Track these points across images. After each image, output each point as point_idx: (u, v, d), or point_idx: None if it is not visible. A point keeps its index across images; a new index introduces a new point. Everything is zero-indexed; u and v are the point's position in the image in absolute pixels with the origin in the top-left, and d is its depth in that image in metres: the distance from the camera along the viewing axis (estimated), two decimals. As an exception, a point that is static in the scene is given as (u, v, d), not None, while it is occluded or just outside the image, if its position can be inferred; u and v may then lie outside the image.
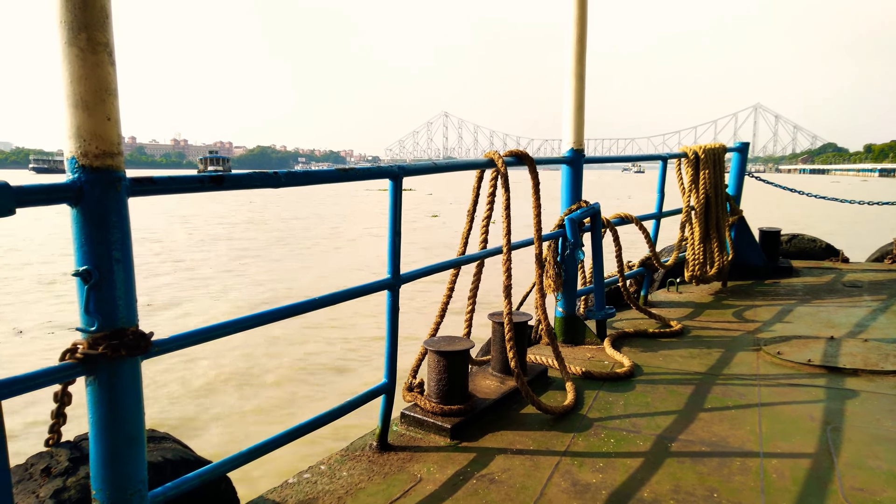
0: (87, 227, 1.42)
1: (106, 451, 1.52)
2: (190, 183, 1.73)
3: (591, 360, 3.81)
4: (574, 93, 4.03)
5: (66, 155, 1.42)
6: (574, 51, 3.97)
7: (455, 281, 3.27)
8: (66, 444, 1.83)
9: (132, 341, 1.48)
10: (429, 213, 31.44)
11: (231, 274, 14.51)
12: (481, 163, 3.18)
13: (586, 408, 3.09)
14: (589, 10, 3.96)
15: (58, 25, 1.37)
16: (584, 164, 4.16)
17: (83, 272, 1.43)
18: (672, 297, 5.55)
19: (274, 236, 22.39)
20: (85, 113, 1.38)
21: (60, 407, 1.67)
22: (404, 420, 2.85)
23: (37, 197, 1.37)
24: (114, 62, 1.43)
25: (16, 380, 1.38)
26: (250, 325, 1.95)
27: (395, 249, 2.55)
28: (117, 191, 1.44)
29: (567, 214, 3.98)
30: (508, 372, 3.24)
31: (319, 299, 2.23)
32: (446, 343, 2.87)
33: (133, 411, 1.53)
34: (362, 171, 2.52)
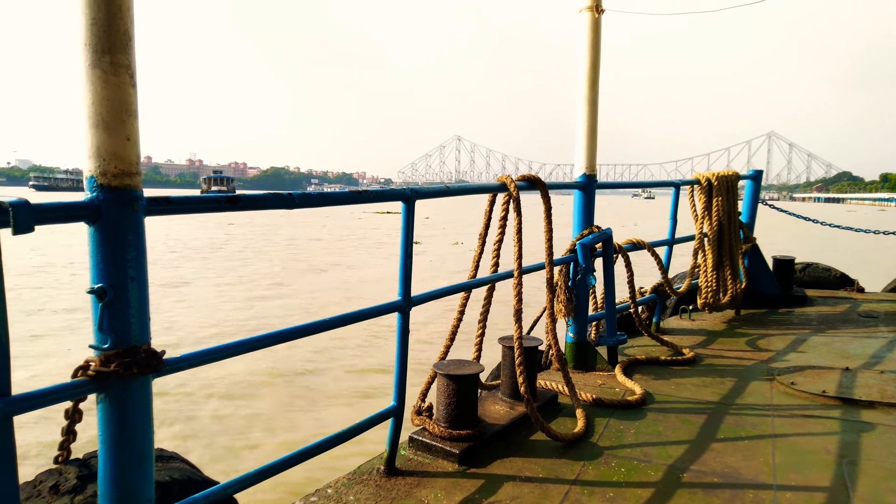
0: (103, 246, 1.44)
1: (114, 469, 1.52)
2: (206, 203, 1.75)
3: (601, 387, 3.77)
4: (587, 118, 4.05)
5: (85, 174, 1.44)
6: (587, 77, 4.00)
7: (465, 304, 3.27)
8: (74, 462, 1.83)
9: (144, 359, 1.49)
10: (415, 239, 30.08)
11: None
12: (493, 187, 3.19)
13: (597, 436, 3.04)
14: (602, 37, 4.00)
15: (82, 48, 1.40)
16: (596, 189, 4.17)
17: (98, 290, 1.44)
18: (684, 325, 5.50)
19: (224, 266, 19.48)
20: (105, 133, 1.41)
21: (71, 424, 1.68)
22: (412, 444, 2.83)
23: (56, 215, 1.39)
24: (135, 84, 1.46)
25: (28, 396, 1.38)
26: (260, 346, 1.96)
27: (407, 272, 2.56)
28: (134, 210, 1.46)
29: (579, 239, 3.98)
30: (518, 397, 3.21)
31: (330, 320, 2.23)
32: (456, 367, 2.86)
33: (142, 430, 1.54)
34: (375, 193, 2.54)
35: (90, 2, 1.38)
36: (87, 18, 1.38)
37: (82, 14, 1.39)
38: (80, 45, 1.40)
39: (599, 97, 4.07)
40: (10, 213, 1.29)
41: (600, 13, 3.95)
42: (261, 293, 14.53)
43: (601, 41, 4.00)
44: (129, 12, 1.43)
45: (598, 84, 4.04)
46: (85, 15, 1.39)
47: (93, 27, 1.39)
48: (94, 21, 1.39)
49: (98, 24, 1.39)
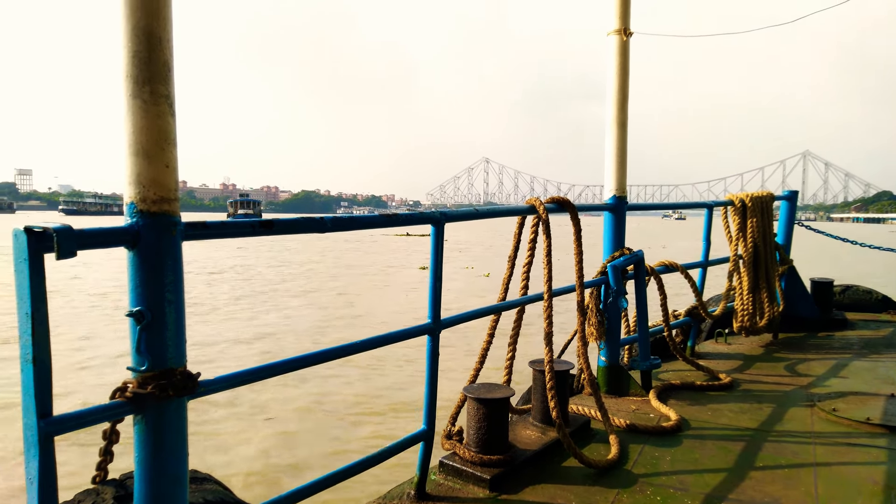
0: (142, 270, 1.48)
1: (150, 490, 1.53)
2: (241, 228, 1.79)
3: (635, 413, 3.70)
4: (616, 140, 4.04)
5: (125, 200, 1.49)
6: (616, 99, 4.00)
7: (495, 327, 3.25)
8: (111, 482, 1.86)
9: (180, 381, 1.51)
10: (419, 264, 28.70)
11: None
12: (522, 209, 3.19)
13: (631, 462, 2.98)
14: (631, 58, 4.01)
15: (124, 79, 1.45)
16: (627, 211, 4.13)
17: (136, 313, 1.48)
18: (720, 349, 5.38)
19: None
20: (145, 161, 1.46)
21: (108, 445, 1.71)
22: (443, 469, 2.80)
23: (97, 240, 1.44)
24: (174, 113, 1.51)
25: (68, 417, 1.42)
26: (292, 368, 1.98)
27: (437, 295, 2.56)
28: (172, 235, 1.50)
29: (610, 261, 3.94)
30: (549, 422, 3.17)
31: (360, 343, 2.24)
32: (486, 390, 2.84)
33: (177, 451, 1.56)
34: (405, 216, 2.56)
35: (131, 35, 1.44)
36: (128, 51, 1.44)
37: (124, 47, 1.44)
38: (122, 76, 1.46)
39: (629, 118, 4.06)
40: (55, 239, 1.33)
41: (628, 36, 3.96)
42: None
43: (629, 64, 4.00)
44: (169, 44, 1.49)
45: (628, 106, 4.03)
46: (126, 48, 1.44)
47: (134, 59, 1.44)
48: (136, 53, 1.44)
49: (139, 56, 1.44)
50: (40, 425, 1.36)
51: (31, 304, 1.33)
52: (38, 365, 1.35)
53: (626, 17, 3.95)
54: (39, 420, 1.36)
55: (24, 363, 1.36)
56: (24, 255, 1.32)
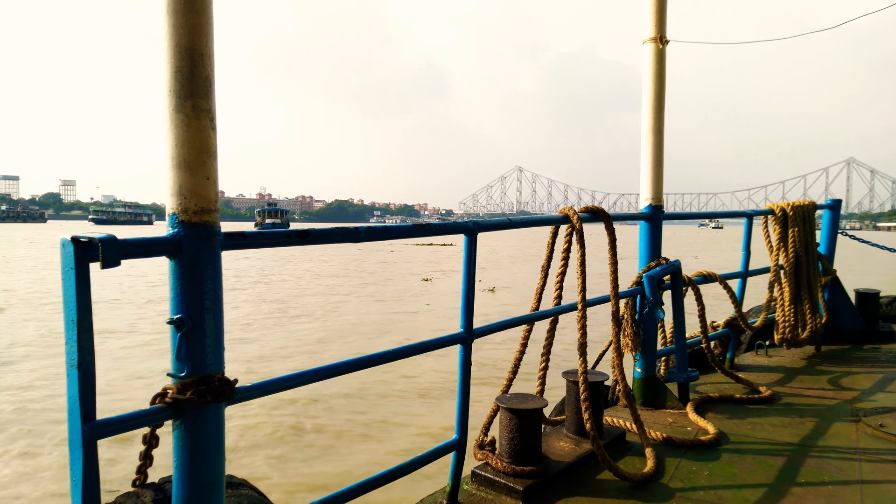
0: (182, 279, 1.52)
1: (187, 494, 1.57)
2: (278, 238, 1.83)
3: (672, 426, 3.62)
4: (652, 148, 3.99)
5: (167, 211, 1.54)
6: (652, 107, 3.96)
7: (528, 337, 3.23)
8: (151, 486, 1.90)
9: (218, 387, 1.55)
10: (424, 275, 27.55)
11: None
12: (556, 219, 3.18)
13: (668, 477, 2.92)
14: (667, 65, 3.96)
15: (167, 94, 1.50)
16: (663, 220, 4.07)
17: (177, 320, 1.51)
18: (760, 361, 5.24)
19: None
20: (187, 173, 1.50)
21: (148, 449, 1.75)
22: (475, 479, 2.79)
23: (140, 249, 1.48)
24: (214, 126, 1.55)
25: (110, 421, 1.46)
26: (327, 376, 2.00)
27: (469, 304, 2.56)
28: (212, 245, 1.54)
29: (645, 271, 3.88)
30: (583, 434, 3.13)
31: (392, 352, 2.25)
32: (519, 401, 2.82)
33: (214, 456, 1.59)
34: (438, 226, 2.58)
35: (174, 52, 1.48)
36: (171, 66, 1.49)
37: (167, 63, 1.49)
38: (165, 91, 1.51)
39: (665, 126, 4.01)
40: (99, 249, 1.38)
41: (664, 44, 3.92)
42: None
43: (666, 71, 3.96)
44: (210, 60, 1.53)
45: (664, 114, 3.98)
46: (170, 63, 1.49)
47: (177, 74, 1.49)
48: (178, 69, 1.49)
49: (181, 72, 1.49)
50: (84, 429, 1.40)
51: (76, 311, 1.38)
52: (82, 370, 1.39)
53: (661, 26, 3.91)
54: (83, 424, 1.40)
55: (70, 368, 1.40)
56: (70, 264, 1.37)
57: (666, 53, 3.95)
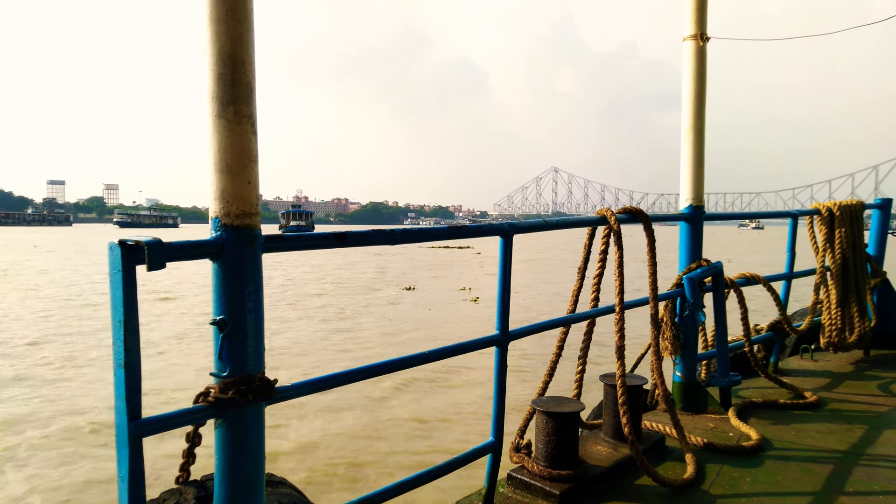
0: (225, 280, 1.55)
1: (228, 491, 1.60)
2: (316, 240, 1.85)
3: (713, 431, 3.54)
4: (692, 147, 3.91)
5: (210, 214, 1.57)
6: (692, 105, 3.88)
7: (564, 339, 3.20)
8: (193, 483, 1.94)
9: (258, 387, 1.57)
10: (406, 284, 24.78)
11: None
12: (593, 220, 3.14)
13: (708, 483, 2.85)
14: (708, 63, 3.88)
15: (209, 100, 1.54)
16: (704, 221, 3.99)
17: (219, 321, 1.55)
18: (806, 366, 5.08)
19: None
20: (229, 177, 1.53)
21: (191, 447, 1.79)
22: (511, 482, 2.78)
23: (184, 252, 1.52)
24: (255, 132, 1.58)
25: (155, 419, 1.50)
26: (362, 377, 2.02)
27: (505, 306, 2.55)
28: (253, 247, 1.57)
29: (686, 273, 3.80)
30: (621, 438, 3.08)
31: (428, 353, 2.26)
32: (555, 404, 2.79)
33: (255, 455, 1.61)
34: (473, 228, 2.57)
35: (217, 59, 1.52)
36: (214, 73, 1.52)
37: (210, 69, 1.53)
38: (208, 97, 1.54)
39: (706, 124, 3.93)
40: (146, 252, 1.42)
41: (705, 41, 3.84)
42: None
43: (706, 69, 3.88)
44: (251, 67, 1.56)
45: (705, 113, 3.90)
46: (212, 70, 1.52)
47: (219, 81, 1.52)
48: (221, 76, 1.52)
49: (224, 79, 1.52)
50: (130, 427, 1.44)
51: (123, 312, 1.42)
52: (128, 370, 1.43)
53: (702, 23, 3.83)
54: (129, 422, 1.44)
55: (117, 368, 1.44)
56: (117, 267, 1.41)
57: (706, 51, 3.87)
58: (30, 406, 8.39)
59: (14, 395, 8.86)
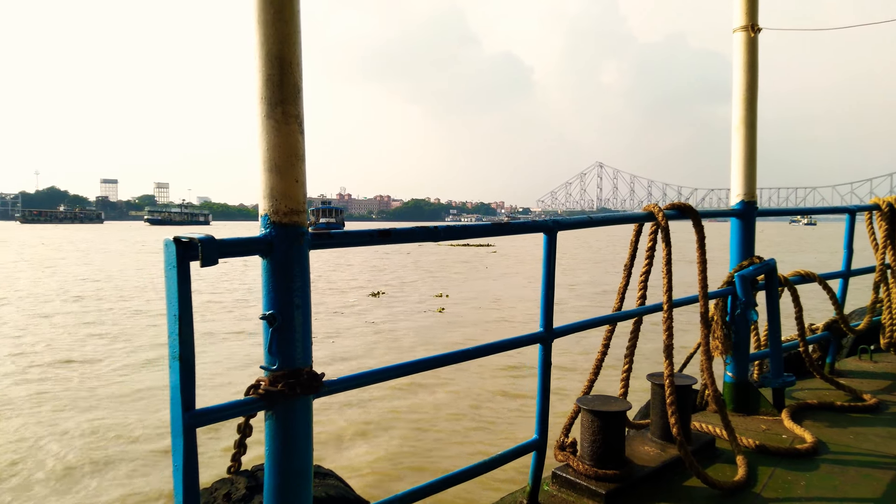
0: (274, 276, 1.59)
1: (277, 482, 1.64)
2: (361, 237, 1.88)
3: (766, 433, 3.44)
4: (744, 141, 3.80)
5: (260, 212, 1.61)
6: (743, 98, 3.77)
7: (610, 338, 3.16)
8: (244, 473, 2.00)
9: (306, 381, 1.61)
10: (378, 288, 21.98)
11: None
12: (640, 216, 3.09)
13: (760, 486, 2.77)
14: (760, 54, 3.76)
15: (258, 101, 1.57)
16: (757, 217, 3.87)
17: (269, 316, 1.59)
18: (864, 367, 4.87)
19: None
20: (277, 176, 1.57)
21: (242, 438, 1.84)
22: (556, 480, 2.76)
23: (235, 249, 1.56)
24: (302, 131, 1.61)
25: (208, 410, 1.55)
26: (406, 373, 2.04)
27: (549, 303, 2.53)
28: (301, 244, 1.60)
29: (737, 271, 3.70)
30: (669, 439, 3.02)
31: (472, 350, 2.27)
32: (601, 403, 2.76)
33: (303, 446, 1.65)
34: (516, 225, 2.56)
35: (265, 60, 1.55)
36: (262, 75, 1.56)
37: (258, 71, 1.56)
38: (257, 98, 1.58)
39: (758, 117, 3.81)
40: (199, 248, 1.47)
41: (756, 32, 3.72)
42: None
43: (758, 60, 3.76)
44: (299, 68, 1.59)
45: (756, 105, 3.78)
46: (261, 72, 1.56)
47: (268, 82, 1.56)
48: (269, 77, 1.56)
49: (272, 80, 1.56)
50: (185, 418, 1.49)
51: (178, 306, 1.47)
52: (183, 362, 1.48)
53: (753, 13, 3.71)
54: (184, 412, 1.49)
55: (172, 360, 1.50)
56: (172, 263, 1.46)
57: (758, 42, 3.75)
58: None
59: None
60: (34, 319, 15.31)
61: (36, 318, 15.56)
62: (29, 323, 14.82)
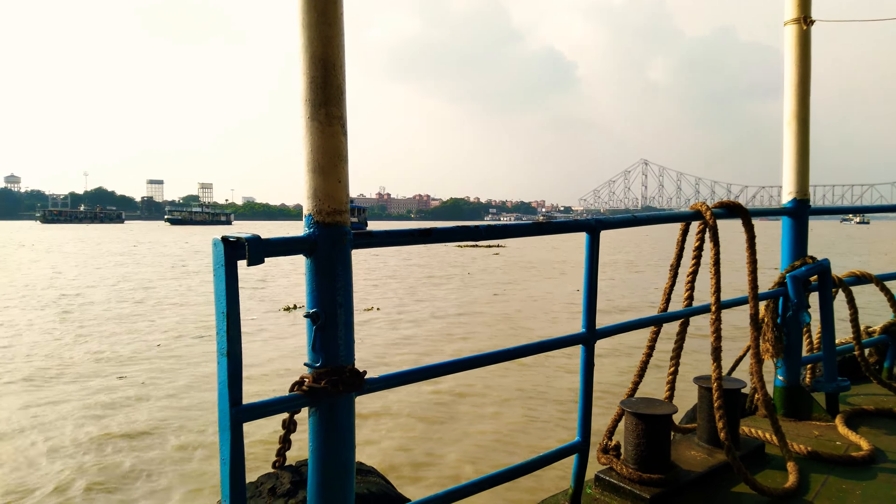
0: (317, 275, 1.61)
1: (321, 477, 1.67)
2: (402, 236, 1.89)
3: (818, 439, 3.32)
4: (796, 137, 3.67)
5: (304, 212, 1.64)
6: (796, 92, 3.64)
7: (655, 339, 3.09)
8: (289, 468, 2.04)
9: (349, 378, 1.63)
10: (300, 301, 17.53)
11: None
12: (686, 215, 3.02)
13: (812, 493, 2.67)
14: (813, 46, 3.63)
15: (302, 103, 1.60)
16: (809, 216, 3.74)
17: (313, 314, 1.61)
18: (927, 373, 4.64)
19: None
20: (321, 177, 1.59)
21: (287, 433, 1.88)
22: (598, 483, 2.72)
23: (280, 248, 1.59)
24: (345, 132, 1.63)
25: (255, 405, 1.58)
26: (448, 371, 2.04)
27: (591, 303, 2.50)
28: (343, 244, 1.62)
29: (789, 271, 3.58)
30: (717, 443, 2.95)
31: (514, 349, 2.25)
32: (645, 405, 2.71)
33: (346, 443, 1.67)
34: (558, 224, 2.54)
35: (310, 63, 1.58)
36: (307, 77, 1.58)
37: (303, 73, 1.59)
38: (301, 100, 1.60)
39: (811, 112, 3.67)
40: (246, 248, 1.50)
41: (809, 24, 3.59)
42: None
43: (811, 53, 3.62)
44: (342, 70, 1.61)
45: (809, 100, 3.65)
46: (305, 74, 1.59)
47: (312, 84, 1.58)
48: (313, 79, 1.58)
49: (316, 82, 1.58)
50: (232, 412, 1.52)
51: (226, 304, 1.50)
52: (231, 358, 1.52)
53: (806, 5, 3.58)
54: (231, 407, 1.52)
55: (220, 356, 1.53)
56: (220, 262, 1.50)
57: (811, 35, 3.61)
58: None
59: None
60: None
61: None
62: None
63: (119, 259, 37.40)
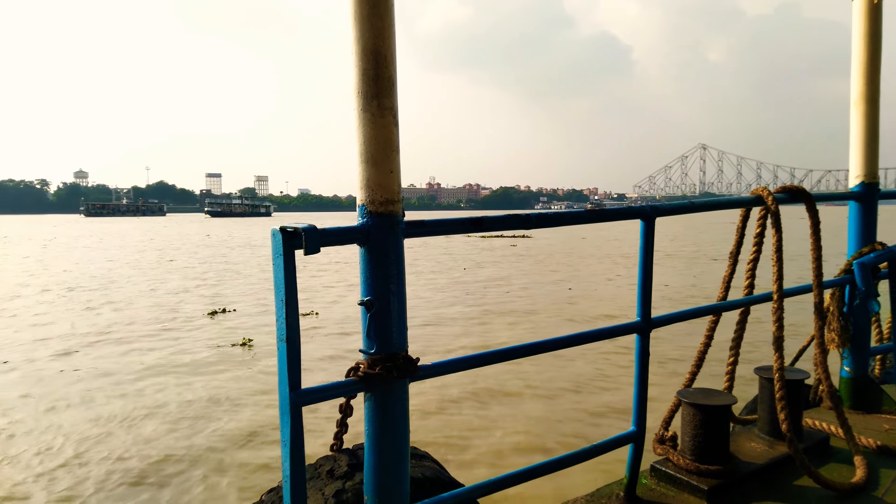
0: (371, 264, 1.65)
1: (377, 460, 1.71)
2: (453, 225, 1.91)
3: (889, 433, 3.17)
4: (864, 118, 3.49)
5: (357, 202, 1.68)
6: (864, 71, 3.46)
7: (714, 328, 3.02)
8: (346, 451, 2.10)
9: (403, 365, 1.67)
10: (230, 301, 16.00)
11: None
12: (747, 200, 2.92)
13: (882, 489, 2.56)
14: (884, 21, 3.44)
15: (355, 95, 1.64)
16: (879, 201, 3.56)
17: (367, 302, 1.66)
18: None
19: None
20: (374, 167, 1.63)
21: (343, 418, 1.94)
22: (654, 474, 2.68)
23: (336, 238, 1.64)
24: (397, 123, 1.66)
25: (313, 390, 1.64)
26: (502, 359, 2.06)
27: (647, 292, 2.46)
28: (396, 233, 1.66)
29: (856, 258, 3.42)
30: (778, 435, 2.86)
31: (568, 338, 2.25)
32: (703, 396, 2.65)
33: (400, 428, 1.71)
34: (612, 211, 2.50)
35: (361, 55, 1.61)
36: (359, 70, 1.62)
37: (355, 65, 1.62)
38: (353, 92, 1.64)
39: (881, 92, 3.49)
40: (303, 237, 1.55)
41: (880, -2, 3.40)
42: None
43: (882, 29, 3.43)
44: (393, 61, 1.64)
45: (879, 79, 3.46)
46: (357, 66, 1.62)
47: (364, 76, 1.62)
48: (365, 71, 1.61)
49: (368, 74, 1.61)
50: (291, 396, 1.58)
51: (285, 292, 1.56)
52: (290, 344, 1.58)
53: (877, -25, 3.40)
54: (291, 391, 1.58)
55: (280, 342, 1.59)
56: (279, 251, 1.56)
57: (882, 9, 3.42)
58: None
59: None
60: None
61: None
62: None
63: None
